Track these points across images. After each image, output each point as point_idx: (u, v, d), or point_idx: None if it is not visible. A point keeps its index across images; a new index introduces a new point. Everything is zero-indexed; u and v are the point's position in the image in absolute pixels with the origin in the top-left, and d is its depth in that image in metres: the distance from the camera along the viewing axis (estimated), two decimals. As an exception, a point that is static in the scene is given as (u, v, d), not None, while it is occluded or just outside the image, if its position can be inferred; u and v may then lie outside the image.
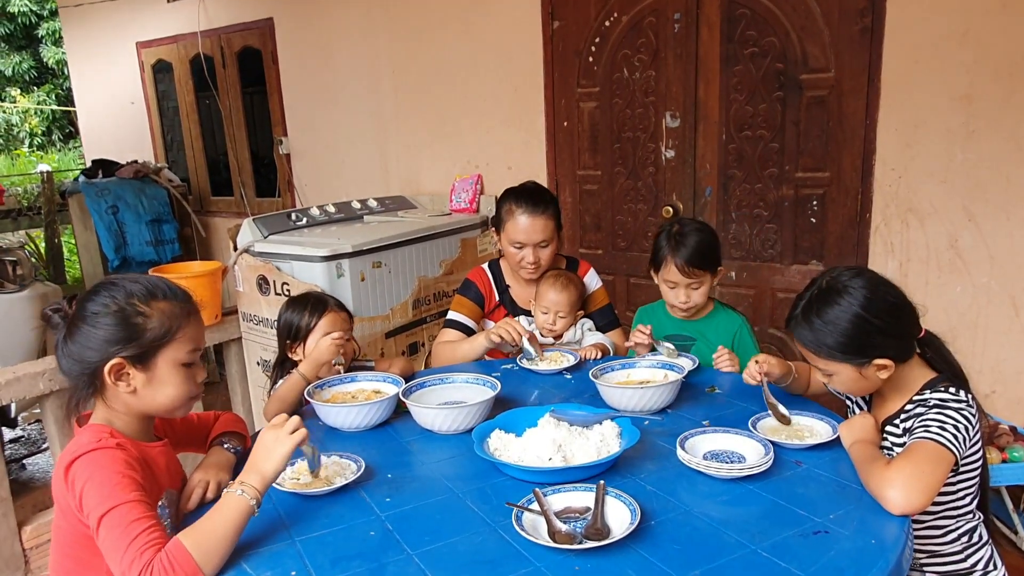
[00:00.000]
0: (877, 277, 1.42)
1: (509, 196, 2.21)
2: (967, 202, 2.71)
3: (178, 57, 5.39)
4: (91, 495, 1.14)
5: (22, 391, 2.73)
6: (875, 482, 1.24)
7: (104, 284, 1.30)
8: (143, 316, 1.26)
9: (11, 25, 14.55)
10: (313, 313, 1.93)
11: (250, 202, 5.24)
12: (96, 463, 1.18)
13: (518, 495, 1.27)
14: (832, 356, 1.40)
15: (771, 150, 3.10)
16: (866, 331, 1.36)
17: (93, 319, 1.25)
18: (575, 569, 1.09)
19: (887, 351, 1.38)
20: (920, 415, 1.37)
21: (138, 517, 1.12)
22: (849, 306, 1.36)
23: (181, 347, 1.30)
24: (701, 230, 2.00)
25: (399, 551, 1.16)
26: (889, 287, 1.41)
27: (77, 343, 1.25)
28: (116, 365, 1.24)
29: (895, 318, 1.39)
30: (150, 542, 1.10)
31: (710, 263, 1.98)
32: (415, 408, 1.65)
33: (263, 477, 1.21)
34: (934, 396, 1.38)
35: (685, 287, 1.97)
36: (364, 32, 4.30)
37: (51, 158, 14.33)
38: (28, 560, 2.83)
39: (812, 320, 1.40)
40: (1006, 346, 2.75)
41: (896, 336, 1.39)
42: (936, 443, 1.27)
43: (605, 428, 1.46)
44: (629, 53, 3.37)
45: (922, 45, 2.70)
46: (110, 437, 1.23)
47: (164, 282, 1.34)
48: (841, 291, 1.39)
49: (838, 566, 1.07)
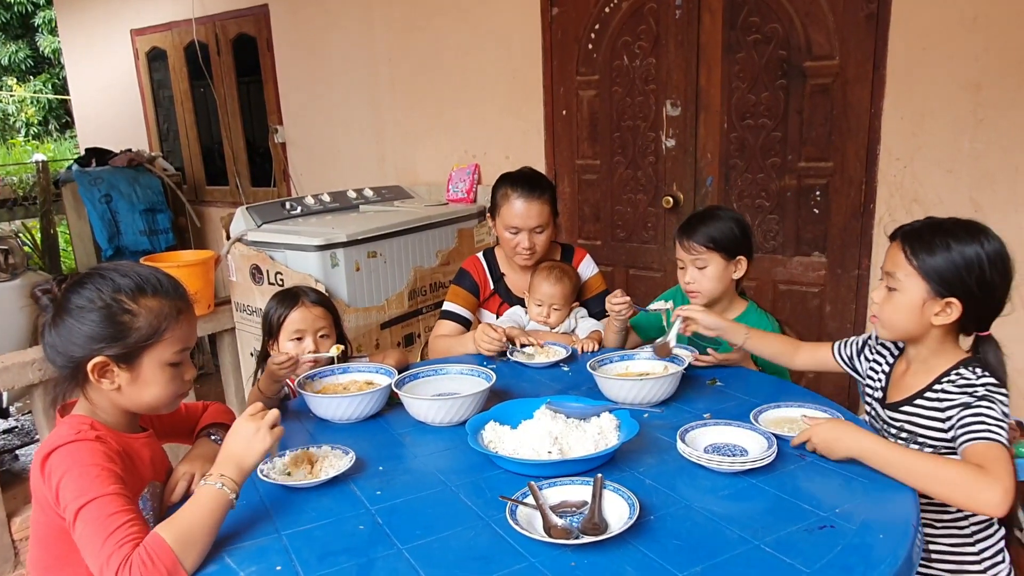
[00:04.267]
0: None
1: (505, 181, 2.17)
2: (974, 192, 2.67)
3: (172, 44, 5.33)
4: (68, 488, 1.10)
5: (11, 380, 2.69)
6: (966, 483, 1.19)
7: (92, 275, 1.23)
8: (130, 314, 1.20)
9: (7, 14, 14.45)
10: (283, 309, 1.86)
11: (245, 191, 5.19)
12: (73, 455, 1.13)
13: (513, 489, 1.23)
14: (924, 270, 1.37)
15: (773, 139, 3.04)
16: (974, 272, 1.34)
17: (78, 313, 1.19)
18: (571, 565, 1.04)
19: (967, 301, 1.35)
20: (968, 404, 1.33)
21: (116, 511, 1.08)
22: (980, 247, 1.34)
23: (168, 347, 1.24)
24: (720, 213, 1.92)
25: (389, 545, 1.12)
26: (1011, 264, 1.39)
27: (62, 336, 1.20)
28: (100, 363, 1.19)
29: (999, 286, 1.37)
30: (128, 536, 1.05)
31: (719, 245, 1.87)
32: (408, 399, 1.61)
33: (241, 469, 1.17)
34: (980, 382, 1.35)
35: (691, 265, 1.90)
36: (360, 19, 4.24)
37: (47, 147, 14.25)
38: (18, 551, 2.79)
39: (936, 235, 1.37)
40: (1013, 340, 2.67)
41: (984, 299, 1.37)
42: (1002, 446, 1.26)
43: (603, 421, 1.42)
44: (629, 40, 3.31)
45: (929, 32, 2.64)
46: (90, 429, 1.18)
47: (156, 275, 1.26)
48: (982, 231, 1.37)
49: (845, 562, 1.02)
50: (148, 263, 2.99)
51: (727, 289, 1.94)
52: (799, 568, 1.01)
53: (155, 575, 1.02)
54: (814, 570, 1.01)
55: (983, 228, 1.39)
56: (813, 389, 2.03)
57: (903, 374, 1.51)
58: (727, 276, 1.91)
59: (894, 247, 1.44)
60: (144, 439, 1.31)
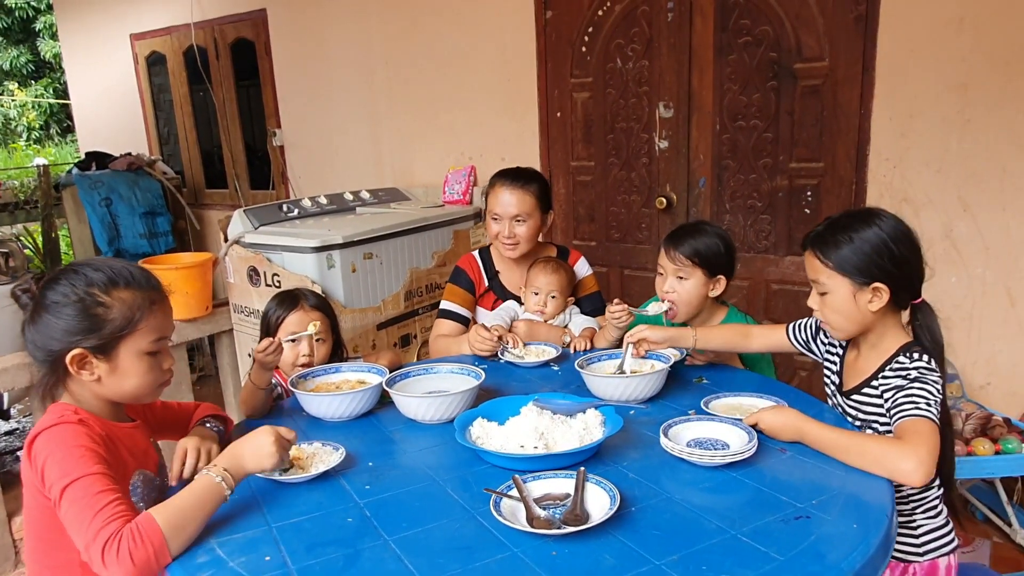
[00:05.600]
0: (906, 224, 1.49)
1: (495, 175, 2.25)
2: (962, 192, 2.69)
3: (172, 49, 5.37)
4: (52, 469, 1.13)
5: (11, 381, 2.72)
6: (885, 455, 1.26)
7: (66, 271, 1.27)
8: (103, 307, 1.24)
9: (8, 19, 14.53)
10: (281, 311, 1.91)
11: (244, 194, 5.22)
12: (57, 437, 1.17)
13: (499, 483, 1.25)
14: (840, 267, 1.45)
15: (765, 140, 3.07)
16: (883, 254, 1.42)
17: (54, 308, 1.23)
18: (552, 554, 1.07)
19: (889, 281, 1.42)
20: (901, 387, 1.39)
21: (102, 489, 1.11)
22: (879, 230, 1.43)
23: (144, 337, 1.27)
24: (707, 231, 1.94)
25: (376, 537, 1.15)
26: (913, 234, 1.47)
27: (40, 331, 1.24)
28: (78, 355, 1.23)
29: (911, 258, 1.44)
30: (116, 513, 1.09)
31: (703, 260, 1.89)
32: (398, 397, 1.63)
33: (243, 471, 1.23)
34: (913, 365, 1.41)
35: (672, 275, 1.93)
36: (357, 23, 4.28)
37: (48, 152, 14.31)
38: (18, 551, 2.82)
39: (837, 233, 1.46)
40: (1001, 338, 2.74)
41: (904, 275, 1.44)
42: (929, 420, 1.32)
43: (588, 416, 1.45)
44: (622, 43, 3.35)
45: (917, 33, 2.67)
46: (73, 414, 1.22)
47: (128, 269, 1.30)
48: (875, 215, 1.46)
49: (818, 550, 1.05)
50: (147, 265, 3.03)
51: (703, 303, 1.96)
52: (773, 556, 1.04)
53: (142, 553, 1.05)
54: (788, 558, 1.04)
55: (876, 211, 1.47)
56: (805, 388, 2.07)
57: (855, 359, 1.57)
58: (704, 292, 1.92)
59: (808, 255, 1.52)
60: (129, 428, 1.34)
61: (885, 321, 1.49)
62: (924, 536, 1.51)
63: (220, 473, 1.18)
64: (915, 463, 1.23)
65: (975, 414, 2.49)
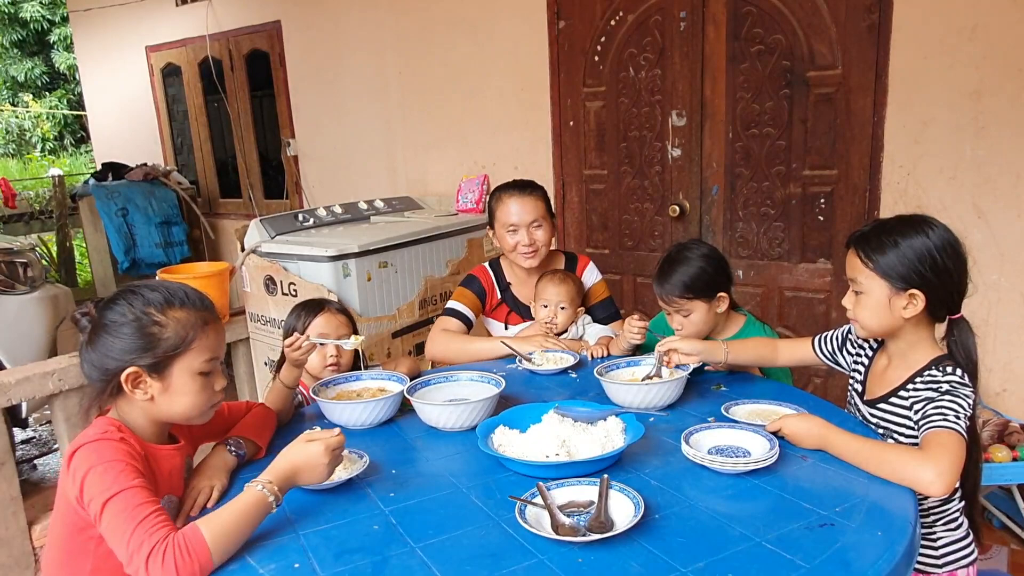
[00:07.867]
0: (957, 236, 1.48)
1: (496, 189, 2.28)
2: (976, 199, 2.69)
3: (187, 60, 5.43)
4: (93, 482, 1.15)
5: (32, 391, 2.75)
6: (905, 464, 1.26)
7: (124, 292, 1.31)
8: (158, 326, 1.27)
9: (23, 31, 14.71)
10: (308, 314, 1.93)
11: (258, 204, 5.27)
12: (98, 451, 1.19)
13: (522, 490, 1.27)
14: (880, 270, 1.43)
15: (778, 148, 3.08)
16: (926, 263, 1.40)
17: (112, 328, 1.27)
18: (578, 561, 1.08)
19: (928, 290, 1.41)
20: (932, 399, 1.38)
21: (144, 501, 1.13)
22: (926, 238, 1.41)
23: (197, 356, 1.30)
24: (689, 259, 1.89)
25: (402, 544, 1.16)
26: (961, 247, 1.45)
27: (98, 351, 1.27)
28: (133, 373, 1.26)
29: (954, 270, 1.42)
30: (160, 523, 1.10)
31: (696, 292, 1.87)
32: (420, 405, 1.65)
33: (290, 484, 1.24)
34: (946, 379, 1.40)
35: (674, 313, 1.91)
36: (371, 34, 4.32)
37: (63, 162, 14.46)
38: (38, 559, 2.85)
39: (883, 235, 1.44)
40: (1017, 344, 2.73)
41: (943, 285, 1.42)
42: (956, 433, 1.31)
43: (609, 424, 1.46)
44: (635, 52, 3.37)
45: (930, 41, 2.68)
46: (116, 431, 1.24)
47: (184, 289, 1.33)
48: (925, 223, 1.43)
49: (844, 558, 1.06)
50: (164, 275, 3.06)
51: (715, 321, 1.94)
52: (799, 563, 1.05)
53: (188, 566, 1.07)
54: (813, 566, 1.04)
55: (926, 219, 1.45)
56: (820, 394, 2.07)
57: (884, 369, 1.56)
58: (711, 315, 1.91)
59: (851, 254, 1.51)
60: (168, 452, 1.35)
61: (918, 331, 1.48)
62: (944, 548, 1.50)
63: (272, 491, 1.19)
64: (935, 474, 1.23)
65: (992, 421, 2.49)
